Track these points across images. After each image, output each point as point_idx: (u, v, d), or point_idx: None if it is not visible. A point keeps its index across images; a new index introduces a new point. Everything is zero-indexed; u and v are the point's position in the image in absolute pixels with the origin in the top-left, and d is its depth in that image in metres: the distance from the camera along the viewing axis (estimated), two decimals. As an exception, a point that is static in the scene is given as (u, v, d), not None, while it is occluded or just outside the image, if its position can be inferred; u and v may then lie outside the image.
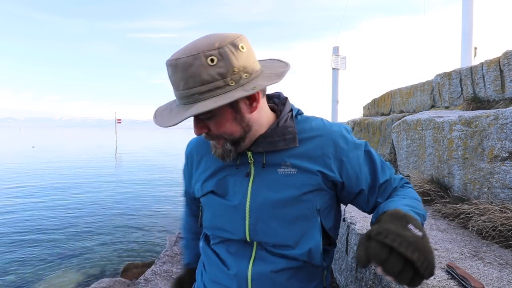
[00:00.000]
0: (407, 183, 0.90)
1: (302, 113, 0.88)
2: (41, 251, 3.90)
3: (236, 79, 0.69)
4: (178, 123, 0.69)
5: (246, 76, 0.71)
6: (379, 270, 0.57)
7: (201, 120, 0.74)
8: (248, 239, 0.79)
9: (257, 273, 0.78)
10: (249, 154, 0.81)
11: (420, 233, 0.57)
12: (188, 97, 0.69)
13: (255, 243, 0.80)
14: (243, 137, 0.78)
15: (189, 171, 0.94)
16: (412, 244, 0.55)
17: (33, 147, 22.26)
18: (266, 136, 0.80)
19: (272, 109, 0.86)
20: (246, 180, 0.81)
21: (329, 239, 0.85)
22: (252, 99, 0.75)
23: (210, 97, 0.68)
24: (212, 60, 0.66)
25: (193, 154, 0.92)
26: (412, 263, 0.54)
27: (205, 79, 0.67)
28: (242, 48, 0.70)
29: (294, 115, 0.84)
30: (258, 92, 0.75)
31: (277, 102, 0.88)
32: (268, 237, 0.78)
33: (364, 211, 0.88)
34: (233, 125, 0.75)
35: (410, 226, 0.58)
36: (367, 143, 0.86)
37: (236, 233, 0.80)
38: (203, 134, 0.78)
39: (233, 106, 0.74)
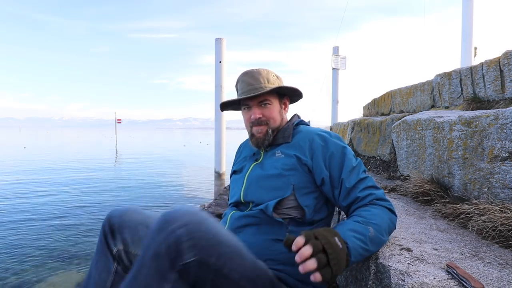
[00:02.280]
0: (381, 199, 1.02)
1: (305, 124, 1.25)
2: (41, 252, 3.90)
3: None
4: (261, 94, 1.15)
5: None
6: (297, 257, 0.72)
7: (260, 107, 1.17)
8: (242, 199, 1.13)
9: (234, 216, 1.11)
10: (262, 149, 1.21)
11: (340, 245, 0.78)
12: (257, 89, 1.14)
13: (250, 204, 1.11)
14: (277, 128, 1.19)
15: (234, 159, 1.38)
16: (330, 243, 0.76)
17: (24, 147, 22.15)
18: (276, 136, 1.19)
19: None
20: (253, 163, 1.19)
21: (303, 214, 1.07)
22: (285, 105, 1.26)
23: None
24: (274, 76, 1.21)
25: (239, 149, 1.38)
26: (326, 254, 0.73)
27: (270, 80, 1.18)
28: (278, 77, 1.25)
29: (296, 124, 1.23)
30: (288, 100, 1.28)
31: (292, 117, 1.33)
32: (253, 197, 1.10)
33: (334, 204, 1.12)
34: (278, 115, 1.20)
35: (335, 238, 0.79)
36: (347, 147, 1.10)
37: (237, 196, 1.15)
38: (257, 120, 1.16)
39: (280, 101, 1.22)
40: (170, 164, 13.79)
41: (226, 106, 1.26)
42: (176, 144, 31.29)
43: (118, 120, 34.80)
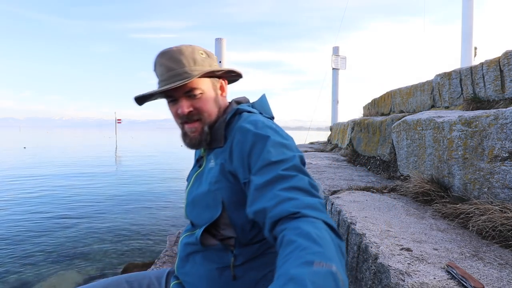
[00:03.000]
0: (310, 208, 0.63)
1: (243, 110, 0.94)
2: (41, 251, 3.90)
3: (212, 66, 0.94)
4: (180, 84, 0.83)
5: (215, 65, 0.96)
6: None
7: (189, 99, 0.89)
8: (187, 217, 0.97)
9: (183, 242, 0.96)
10: (202, 150, 0.98)
11: None
12: (180, 74, 0.86)
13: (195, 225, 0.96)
14: (215, 121, 0.93)
15: None
16: None
17: (24, 147, 22.16)
18: (211, 137, 0.94)
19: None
20: (196, 171, 0.99)
21: (242, 233, 0.86)
22: (221, 89, 0.97)
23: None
24: (202, 53, 0.92)
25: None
26: None
27: (197, 60, 0.90)
28: (209, 55, 0.97)
29: (231, 116, 0.93)
30: (225, 82, 0.99)
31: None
32: (192, 217, 0.94)
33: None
34: (213, 105, 0.93)
35: None
36: (271, 137, 0.78)
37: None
38: (186, 115, 0.89)
39: (214, 85, 0.94)
40: (169, 163, 13.78)
41: (145, 99, 0.93)
42: (175, 144, 31.30)
43: (118, 120, 34.84)
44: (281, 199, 0.65)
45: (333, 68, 7.47)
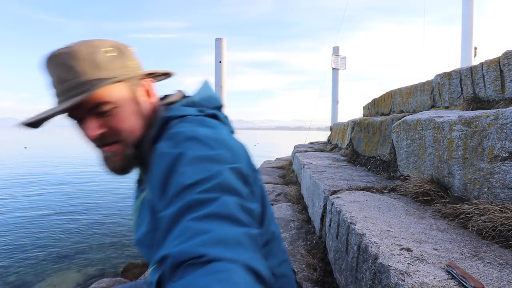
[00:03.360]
0: (233, 244, 0.43)
1: (173, 117, 0.69)
2: (41, 251, 3.90)
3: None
4: (79, 101, 0.60)
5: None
6: None
7: (98, 117, 0.66)
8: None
9: (149, 279, 0.75)
10: (140, 172, 0.80)
11: None
12: (76, 87, 0.63)
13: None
14: (142, 138, 0.71)
15: None
16: None
17: (25, 147, 22.23)
18: (141, 158, 0.74)
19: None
20: (138, 196, 0.79)
21: None
22: (147, 93, 0.75)
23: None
24: (108, 52, 0.67)
25: None
26: None
27: (100, 63, 0.65)
28: (123, 51, 0.73)
29: (158, 130, 0.69)
30: (150, 82, 0.76)
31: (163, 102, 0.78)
32: (144, 255, 0.75)
33: None
34: (133, 120, 0.69)
35: None
36: (185, 153, 0.56)
37: None
38: (98, 138, 0.67)
39: (134, 90, 0.71)
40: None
41: (41, 121, 0.64)
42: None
43: (118, 120, 34.98)
44: (189, 234, 0.43)
45: (333, 68, 7.47)
